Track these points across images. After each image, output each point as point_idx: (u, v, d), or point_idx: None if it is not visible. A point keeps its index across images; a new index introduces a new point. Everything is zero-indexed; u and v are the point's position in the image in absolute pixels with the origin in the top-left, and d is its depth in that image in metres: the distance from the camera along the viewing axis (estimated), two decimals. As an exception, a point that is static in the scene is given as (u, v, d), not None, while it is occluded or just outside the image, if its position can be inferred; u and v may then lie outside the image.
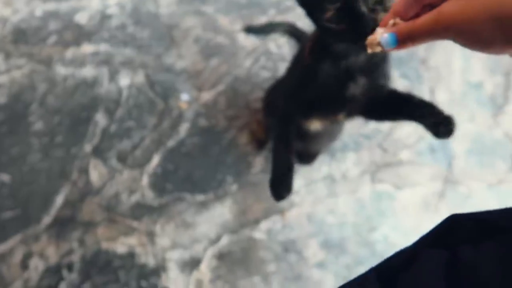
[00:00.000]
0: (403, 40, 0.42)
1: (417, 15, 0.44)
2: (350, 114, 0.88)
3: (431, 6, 0.43)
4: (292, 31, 1.47)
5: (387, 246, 1.28)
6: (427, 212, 1.33)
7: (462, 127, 1.44)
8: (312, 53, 0.79)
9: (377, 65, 0.78)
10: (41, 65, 1.38)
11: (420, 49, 1.53)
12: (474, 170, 1.39)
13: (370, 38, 0.47)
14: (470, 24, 0.36)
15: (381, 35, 0.45)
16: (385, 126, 1.44)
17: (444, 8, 0.39)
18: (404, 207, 1.35)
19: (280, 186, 0.85)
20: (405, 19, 0.45)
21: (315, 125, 0.93)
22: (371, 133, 1.43)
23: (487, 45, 0.37)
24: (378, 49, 0.47)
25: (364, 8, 0.60)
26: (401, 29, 0.43)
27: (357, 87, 0.77)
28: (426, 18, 0.40)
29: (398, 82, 1.47)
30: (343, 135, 1.31)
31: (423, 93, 1.47)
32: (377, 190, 1.36)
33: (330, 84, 0.78)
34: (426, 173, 1.39)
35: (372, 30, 0.52)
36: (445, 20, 0.38)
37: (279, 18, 1.53)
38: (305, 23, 1.51)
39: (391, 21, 0.45)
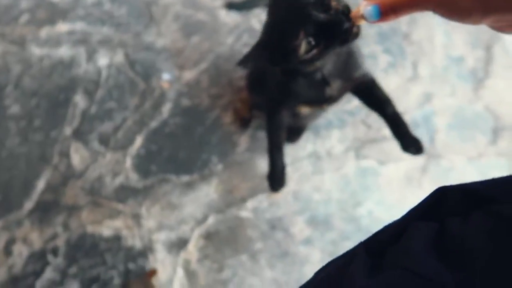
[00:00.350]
0: (386, 12, 0.43)
1: None
2: (335, 102, 0.90)
3: None
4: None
5: (372, 221, 1.30)
6: (410, 187, 1.36)
7: (443, 102, 1.46)
8: (284, 73, 0.81)
9: (346, 63, 0.80)
10: (14, 46, 1.33)
11: (403, 24, 1.52)
12: (455, 144, 1.41)
13: (354, 12, 0.47)
14: None
15: (365, 7, 0.45)
16: (369, 102, 1.44)
17: None
18: (388, 182, 1.37)
19: (277, 181, 1.03)
20: None
21: (304, 110, 0.96)
22: (355, 110, 1.43)
23: (466, 15, 0.38)
24: (361, 22, 0.47)
25: (323, 16, 0.59)
26: (384, 1, 0.43)
27: (333, 89, 0.81)
28: None
29: (381, 57, 1.47)
30: (327, 113, 1.31)
31: (406, 68, 1.47)
32: (362, 166, 1.37)
33: (307, 91, 0.82)
34: (409, 148, 1.41)
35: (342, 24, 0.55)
36: None
37: (261, -6, 1.49)
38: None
39: None
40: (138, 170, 1.27)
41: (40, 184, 1.21)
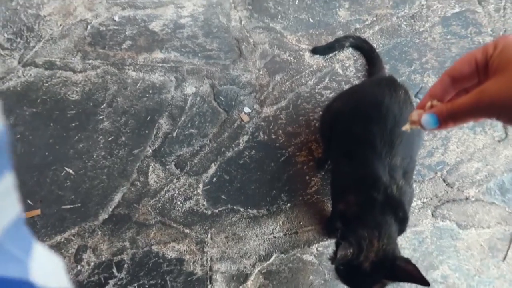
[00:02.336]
0: (445, 120, 0.43)
1: (451, 100, 0.46)
2: None
3: (466, 91, 0.44)
4: (359, 44, 1.46)
5: (447, 287, 1.19)
6: (493, 258, 1.23)
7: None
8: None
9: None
10: (114, 68, 1.44)
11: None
12: (549, 217, 1.27)
13: (411, 116, 0.48)
14: None
15: (420, 116, 0.46)
16: (451, 159, 1.36)
17: (486, 87, 0.39)
18: (468, 248, 1.26)
19: (333, 230, 1.21)
20: (442, 101, 0.46)
21: None
22: (436, 165, 1.35)
23: None
24: (417, 127, 0.47)
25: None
26: (442, 109, 0.44)
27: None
28: (467, 98, 0.41)
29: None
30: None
31: (496, 127, 1.38)
32: (439, 226, 1.28)
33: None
34: (494, 214, 1.30)
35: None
36: (488, 99, 0.38)
37: (348, 40, 1.51)
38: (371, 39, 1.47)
39: (429, 103, 0.46)
40: (208, 197, 1.28)
41: (117, 198, 1.27)
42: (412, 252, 1.25)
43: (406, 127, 0.50)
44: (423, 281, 0.84)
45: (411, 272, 0.87)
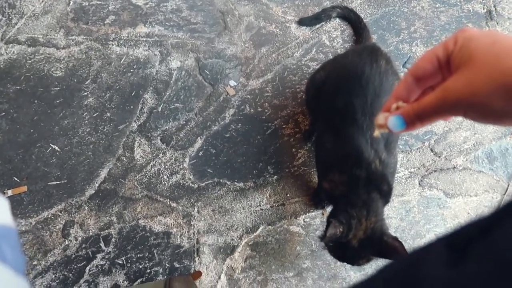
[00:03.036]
0: (411, 121, 0.43)
1: (417, 99, 0.45)
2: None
3: (433, 89, 0.43)
4: (346, 14, 1.44)
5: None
6: (480, 224, 1.23)
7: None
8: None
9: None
10: (97, 43, 1.42)
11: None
12: (537, 184, 1.27)
13: (376, 120, 0.47)
14: (479, 97, 0.35)
15: (386, 119, 0.45)
16: (439, 128, 1.35)
17: (449, 84, 0.38)
18: (455, 216, 1.26)
19: (320, 202, 1.25)
20: (407, 102, 0.46)
21: None
22: (423, 135, 1.35)
23: (500, 117, 0.36)
24: (385, 131, 0.46)
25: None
26: (408, 111, 0.43)
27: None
28: (432, 96, 0.40)
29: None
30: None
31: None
32: (426, 196, 1.27)
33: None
34: (482, 183, 1.29)
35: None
36: (452, 96, 0.38)
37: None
38: (357, 5, 1.45)
39: (394, 105, 0.46)
40: (195, 171, 1.28)
41: (103, 173, 1.27)
42: (399, 222, 1.25)
43: (376, 133, 0.49)
44: None
45: (397, 249, 0.87)
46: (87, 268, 1.18)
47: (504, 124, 0.37)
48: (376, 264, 1.03)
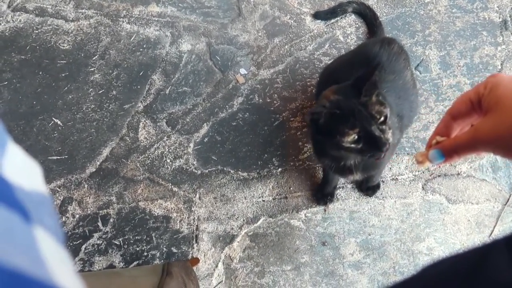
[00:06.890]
0: (449, 154, 0.47)
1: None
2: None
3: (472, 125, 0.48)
4: (362, 10, 1.42)
5: (431, 260, 1.20)
6: (479, 233, 1.24)
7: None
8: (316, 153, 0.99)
9: (372, 165, 0.97)
10: (108, 19, 1.39)
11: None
12: (538, 196, 1.27)
13: (419, 155, 0.51)
14: (503, 141, 0.40)
15: (423, 156, 0.50)
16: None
17: (479, 125, 0.43)
18: (455, 222, 1.26)
19: (322, 197, 1.22)
20: (448, 137, 0.50)
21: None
22: (431, 140, 1.34)
23: None
24: (427, 165, 0.52)
25: (378, 132, 0.77)
26: (445, 145, 0.47)
27: (355, 177, 0.98)
28: (465, 134, 0.45)
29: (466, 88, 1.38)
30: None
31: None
32: (428, 200, 1.27)
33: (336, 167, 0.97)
34: (484, 191, 1.30)
35: (384, 147, 0.76)
36: (480, 137, 0.42)
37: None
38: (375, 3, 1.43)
39: (434, 141, 0.50)
40: (199, 157, 1.26)
41: (105, 152, 1.24)
42: (400, 223, 1.25)
43: (419, 167, 0.55)
44: None
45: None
46: (83, 246, 1.16)
47: None
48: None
